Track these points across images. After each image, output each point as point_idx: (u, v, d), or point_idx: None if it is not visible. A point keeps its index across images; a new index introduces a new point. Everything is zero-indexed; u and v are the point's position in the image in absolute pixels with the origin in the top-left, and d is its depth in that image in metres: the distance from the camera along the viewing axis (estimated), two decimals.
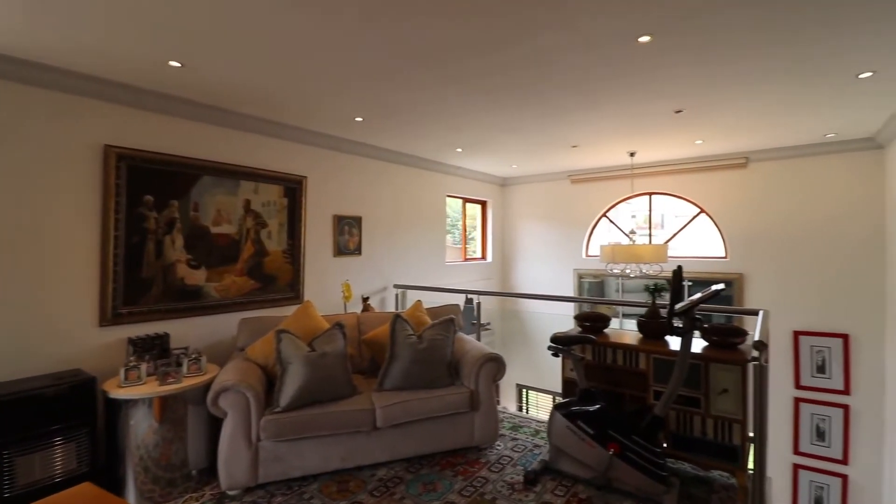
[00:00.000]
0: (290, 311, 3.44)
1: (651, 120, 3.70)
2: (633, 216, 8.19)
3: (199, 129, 3.30)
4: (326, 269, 4.25)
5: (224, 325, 3.40)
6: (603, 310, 6.43)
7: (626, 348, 2.72)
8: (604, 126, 3.97)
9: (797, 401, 4.66)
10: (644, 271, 4.94)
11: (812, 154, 4.69)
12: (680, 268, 2.41)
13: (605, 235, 6.31)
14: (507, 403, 6.49)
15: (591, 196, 6.18)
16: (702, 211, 5.43)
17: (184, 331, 3.18)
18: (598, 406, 2.49)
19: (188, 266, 3.22)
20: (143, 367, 2.66)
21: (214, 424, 2.62)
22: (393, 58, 2.51)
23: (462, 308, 4.36)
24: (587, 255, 6.35)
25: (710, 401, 2.44)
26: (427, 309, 3.62)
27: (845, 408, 4.46)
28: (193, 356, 2.81)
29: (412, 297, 4.82)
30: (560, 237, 6.49)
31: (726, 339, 2.54)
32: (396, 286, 4.83)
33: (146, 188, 3.01)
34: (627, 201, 6.09)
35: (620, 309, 5.86)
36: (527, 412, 6.39)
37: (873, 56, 2.47)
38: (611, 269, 4.91)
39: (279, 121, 3.68)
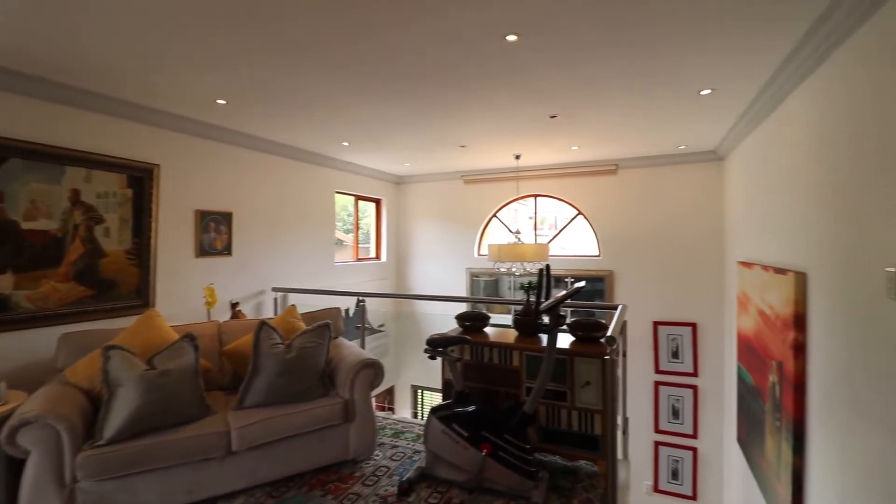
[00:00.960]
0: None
1: (529, 123, 3.82)
2: (530, 217, 8.56)
3: (2, 101, 2.66)
4: (186, 271, 3.74)
5: (41, 343, 2.79)
6: (497, 308, 6.62)
7: (501, 346, 2.73)
8: (488, 127, 4.02)
9: (657, 384, 5.19)
10: (528, 269, 5.14)
11: (669, 163, 5.25)
12: (548, 266, 2.47)
13: (505, 235, 6.49)
14: (403, 407, 6.38)
15: (483, 196, 6.31)
16: (579, 213, 5.81)
17: None
18: (473, 407, 2.46)
19: None
20: None
21: (17, 466, 2.10)
22: (253, 38, 2.23)
23: (352, 311, 4.15)
24: (479, 255, 6.47)
25: (576, 393, 2.54)
26: (306, 314, 3.34)
27: (694, 388, 5.05)
28: None
29: (295, 301, 4.47)
30: (454, 237, 6.54)
31: (589, 333, 2.65)
32: (275, 290, 4.44)
33: None
34: (523, 202, 6.32)
35: (513, 307, 6.04)
36: (422, 417, 6.33)
37: (711, 74, 2.77)
38: (498, 268, 5.03)
39: (119, 97, 3.12)
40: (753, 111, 3.37)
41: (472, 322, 3.03)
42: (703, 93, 2.98)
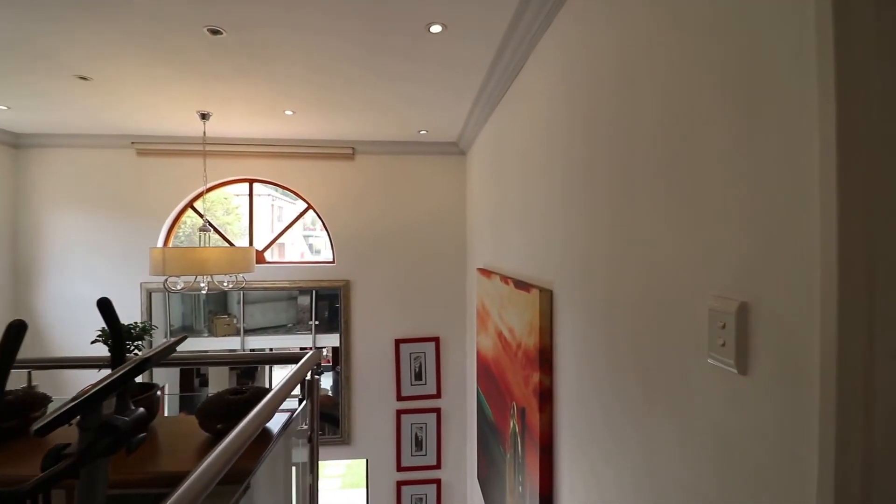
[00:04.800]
0: None
1: (182, 39, 2.27)
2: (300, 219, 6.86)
3: None
4: None
5: None
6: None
7: None
8: (116, 49, 2.32)
9: (399, 413, 4.38)
10: (227, 284, 3.59)
11: (412, 152, 4.51)
12: (106, 302, 1.07)
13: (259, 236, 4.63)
14: None
15: (169, 176, 4.36)
16: (310, 207, 4.56)
17: None
18: None
19: None
20: None
21: None
22: None
23: None
24: None
25: None
26: None
27: (437, 411, 4.44)
28: None
29: None
30: (125, 235, 4.35)
31: (232, 422, 1.38)
32: None
33: None
34: (286, 193, 4.63)
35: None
36: None
37: (443, 6, 1.89)
38: (173, 285, 3.30)
39: None
40: (489, 90, 2.75)
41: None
42: (433, 29, 2.08)
